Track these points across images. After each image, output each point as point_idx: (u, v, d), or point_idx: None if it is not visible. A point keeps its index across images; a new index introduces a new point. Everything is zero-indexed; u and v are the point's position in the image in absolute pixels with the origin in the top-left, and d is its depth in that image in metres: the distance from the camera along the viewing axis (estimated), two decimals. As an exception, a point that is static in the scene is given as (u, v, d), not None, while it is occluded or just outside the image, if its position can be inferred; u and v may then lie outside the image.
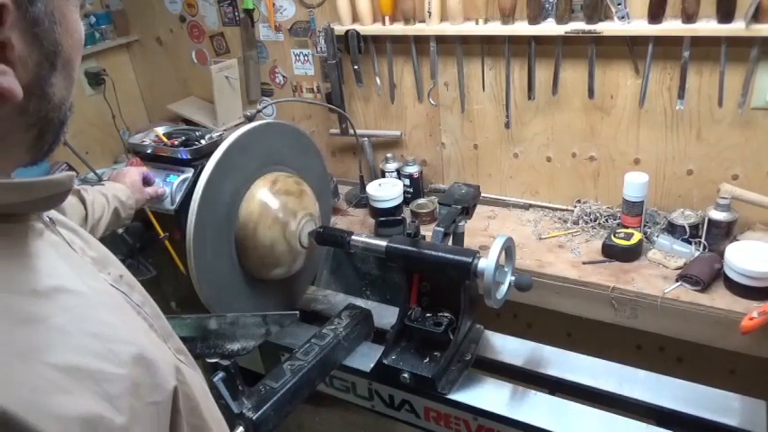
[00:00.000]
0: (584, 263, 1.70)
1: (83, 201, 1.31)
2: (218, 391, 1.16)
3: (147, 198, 1.51)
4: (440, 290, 1.35)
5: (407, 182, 2.11)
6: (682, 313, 1.51)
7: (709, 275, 1.51)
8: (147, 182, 1.55)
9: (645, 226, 1.76)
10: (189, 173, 1.40)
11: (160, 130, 1.51)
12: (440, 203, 1.50)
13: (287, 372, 1.25)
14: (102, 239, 1.47)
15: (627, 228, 1.74)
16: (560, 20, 1.70)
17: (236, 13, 2.35)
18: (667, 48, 1.63)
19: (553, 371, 1.36)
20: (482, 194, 1.77)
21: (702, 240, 1.63)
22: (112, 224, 1.38)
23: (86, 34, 2.46)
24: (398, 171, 2.14)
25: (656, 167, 1.79)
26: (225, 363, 1.16)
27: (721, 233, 1.61)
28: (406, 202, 2.09)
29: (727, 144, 1.67)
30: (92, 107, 2.55)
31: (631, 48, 1.67)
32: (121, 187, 1.43)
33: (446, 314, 1.33)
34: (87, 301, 0.54)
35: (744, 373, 1.90)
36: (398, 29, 1.95)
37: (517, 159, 2.02)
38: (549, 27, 1.71)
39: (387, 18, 1.95)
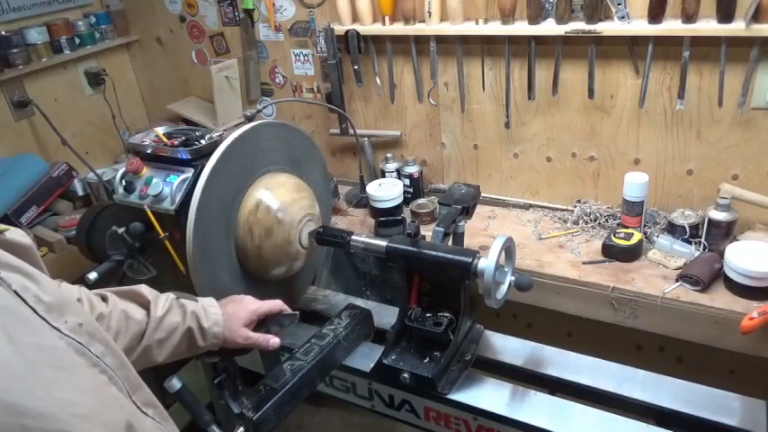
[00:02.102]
0: (584, 263, 1.70)
1: (147, 312, 1.06)
2: (219, 391, 1.16)
3: (246, 343, 1.16)
4: (440, 290, 1.35)
5: (407, 182, 2.11)
6: (682, 313, 1.51)
7: (710, 275, 1.51)
8: (264, 323, 1.22)
9: (645, 226, 1.76)
10: (189, 173, 1.39)
11: (160, 130, 1.50)
12: (440, 203, 1.50)
13: (287, 372, 1.25)
14: (102, 239, 1.47)
15: (627, 228, 1.74)
16: (560, 20, 1.70)
17: (236, 13, 2.35)
18: (667, 48, 1.63)
19: (553, 371, 1.36)
20: (482, 194, 1.77)
21: (702, 240, 1.63)
22: (181, 351, 1.10)
23: (86, 34, 2.47)
24: (398, 171, 2.14)
25: (656, 167, 1.79)
26: (225, 363, 1.16)
27: (721, 233, 1.61)
28: (406, 202, 2.09)
29: (727, 144, 1.67)
30: (92, 107, 2.55)
31: (631, 48, 1.67)
32: (216, 311, 1.14)
33: (446, 314, 1.33)
34: (8, 368, 0.50)
35: (744, 373, 1.90)
36: (398, 29, 1.95)
37: (517, 159, 2.02)
38: (549, 27, 1.71)
39: (387, 18, 1.95)
